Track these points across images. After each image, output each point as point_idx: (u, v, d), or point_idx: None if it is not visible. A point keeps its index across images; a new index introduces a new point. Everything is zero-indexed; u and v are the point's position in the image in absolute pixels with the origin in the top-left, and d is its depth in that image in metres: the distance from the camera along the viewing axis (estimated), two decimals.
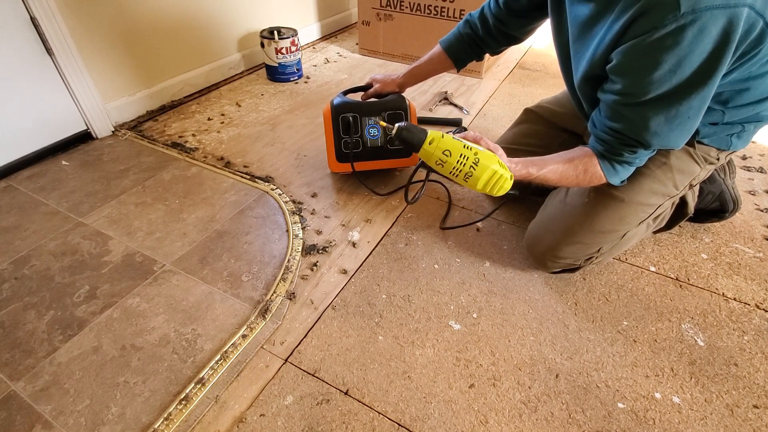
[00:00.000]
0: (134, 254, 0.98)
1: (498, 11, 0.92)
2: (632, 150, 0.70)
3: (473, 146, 0.69)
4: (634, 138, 0.68)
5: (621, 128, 0.68)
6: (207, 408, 0.71)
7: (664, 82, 0.60)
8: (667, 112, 0.63)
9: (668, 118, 0.64)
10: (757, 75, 0.66)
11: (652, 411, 0.72)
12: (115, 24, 1.33)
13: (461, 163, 0.68)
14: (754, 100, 0.71)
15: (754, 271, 0.96)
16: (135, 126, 1.45)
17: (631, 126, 0.67)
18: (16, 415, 0.69)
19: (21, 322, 0.83)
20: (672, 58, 0.57)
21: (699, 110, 0.64)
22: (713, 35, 0.55)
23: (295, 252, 0.99)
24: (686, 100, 0.61)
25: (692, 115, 0.64)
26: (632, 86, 0.63)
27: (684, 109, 0.63)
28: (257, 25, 1.81)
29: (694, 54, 0.56)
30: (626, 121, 0.67)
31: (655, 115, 0.64)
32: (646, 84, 0.61)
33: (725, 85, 0.67)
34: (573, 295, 0.91)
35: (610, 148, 0.72)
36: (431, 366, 0.78)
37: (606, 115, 0.69)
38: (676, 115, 0.63)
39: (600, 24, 0.65)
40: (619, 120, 0.67)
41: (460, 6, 1.72)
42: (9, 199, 1.13)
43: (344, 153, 1.12)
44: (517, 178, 0.75)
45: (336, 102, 1.12)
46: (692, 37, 0.55)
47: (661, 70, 0.59)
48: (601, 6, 0.64)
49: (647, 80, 0.60)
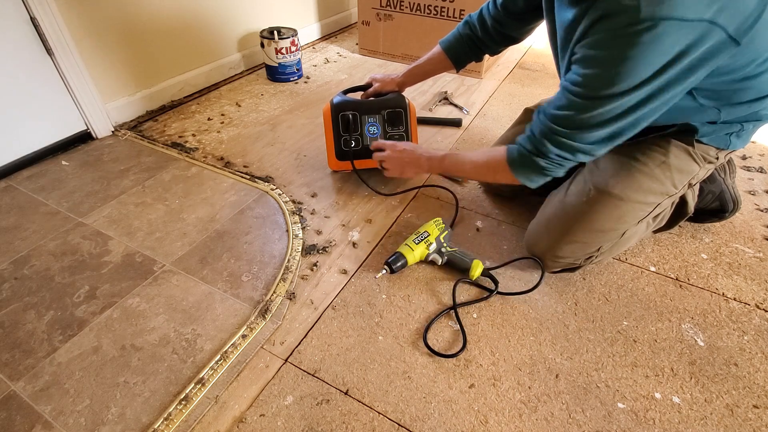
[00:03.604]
0: (134, 254, 0.98)
1: (496, 12, 0.93)
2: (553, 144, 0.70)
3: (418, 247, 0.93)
4: (568, 127, 0.68)
5: (563, 116, 0.68)
6: (207, 408, 0.71)
7: (617, 82, 0.60)
8: (609, 109, 0.63)
9: (609, 117, 0.64)
10: (753, 75, 0.66)
11: (652, 411, 0.72)
12: (116, 24, 1.33)
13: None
14: (751, 98, 0.71)
15: (754, 271, 0.96)
16: (135, 126, 1.45)
17: (572, 115, 0.67)
18: (16, 415, 0.70)
19: (21, 322, 0.83)
20: (627, 59, 0.58)
21: (644, 119, 0.65)
22: (668, 46, 0.56)
23: (295, 252, 0.99)
24: (631, 104, 0.62)
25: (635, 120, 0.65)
26: (588, 78, 0.63)
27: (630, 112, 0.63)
28: (257, 25, 1.81)
29: (647, 60, 0.57)
30: (572, 109, 0.66)
31: (598, 110, 0.64)
32: (601, 79, 0.62)
33: (719, 85, 0.67)
34: (573, 295, 0.91)
35: (531, 144, 0.74)
36: (431, 366, 0.78)
37: (555, 103, 0.70)
38: (618, 116, 0.64)
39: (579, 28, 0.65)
40: (565, 108, 0.67)
41: (460, 6, 1.72)
42: (9, 199, 1.13)
43: (344, 151, 1.12)
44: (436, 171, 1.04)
45: (336, 100, 1.12)
46: (648, 42, 0.55)
47: (615, 68, 0.59)
48: (582, 11, 0.64)
49: (602, 75, 0.61)
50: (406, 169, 1.02)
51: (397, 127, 1.13)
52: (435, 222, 0.98)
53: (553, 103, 0.70)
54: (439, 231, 0.96)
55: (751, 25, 0.56)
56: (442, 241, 0.95)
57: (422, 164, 0.99)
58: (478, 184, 1.20)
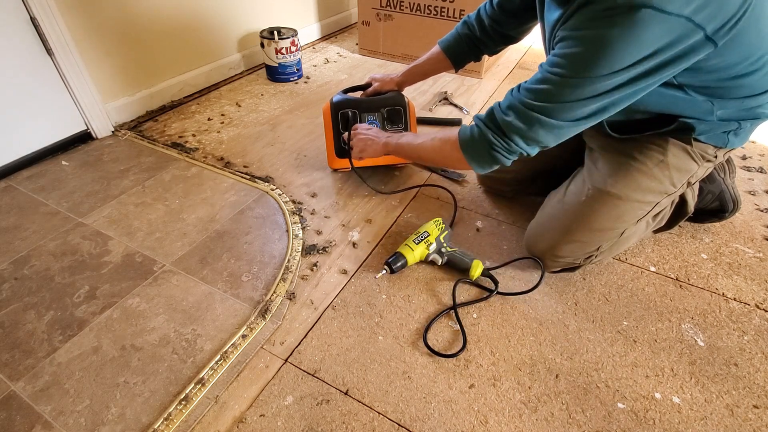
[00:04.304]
0: (134, 254, 0.98)
1: (493, 12, 0.94)
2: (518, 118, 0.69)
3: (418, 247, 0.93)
4: (540, 100, 0.67)
5: (539, 90, 0.67)
6: (207, 408, 0.71)
7: (594, 64, 0.60)
8: (586, 92, 0.63)
9: (583, 101, 0.64)
10: (745, 73, 0.66)
11: (652, 411, 0.72)
12: (116, 24, 1.33)
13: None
14: (745, 95, 0.71)
15: (754, 271, 0.96)
16: (135, 126, 1.45)
17: (548, 90, 0.66)
18: (16, 415, 0.70)
19: (21, 323, 0.83)
20: (603, 44, 0.58)
21: (614, 105, 0.65)
22: (646, 37, 0.56)
23: (295, 252, 0.99)
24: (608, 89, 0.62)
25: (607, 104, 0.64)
26: (567, 58, 0.63)
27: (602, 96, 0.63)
28: (257, 25, 1.81)
29: (624, 46, 0.57)
30: (549, 83, 0.66)
31: (575, 91, 0.64)
32: (578, 60, 0.62)
33: (711, 81, 0.68)
34: (573, 295, 0.91)
35: (489, 116, 0.73)
36: (431, 366, 0.78)
37: (532, 79, 0.69)
38: (593, 100, 0.64)
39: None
40: (542, 81, 0.67)
41: (460, 6, 1.72)
42: (9, 199, 1.13)
43: (343, 149, 1.12)
44: (391, 152, 1.00)
45: (335, 99, 1.13)
46: (626, 26, 0.56)
47: (593, 50, 0.59)
48: (567, 10, 0.64)
49: (580, 56, 0.61)
50: (366, 148, 1.03)
51: (396, 125, 1.13)
52: (435, 222, 0.98)
53: (531, 79, 0.70)
54: (439, 231, 0.96)
55: (732, 26, 0.57)
56: (442, 241, 0.95)
57: (379, 145, 1.01)
58: (477, 184, 1.20)
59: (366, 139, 1.03)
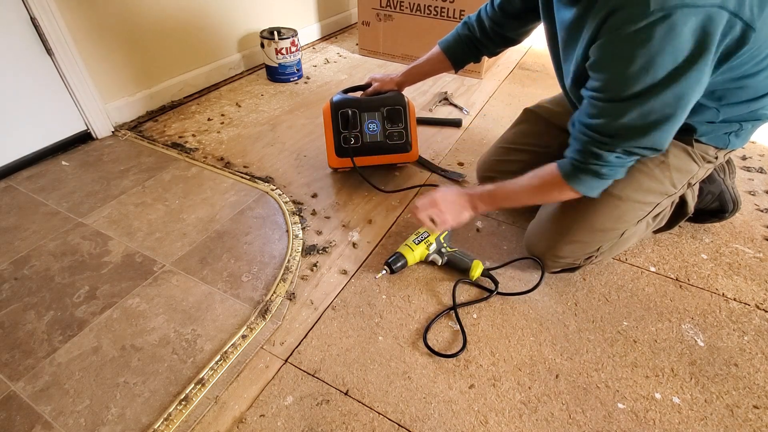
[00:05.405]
0: (134, 254, 0.98)
1: (493, 14, 0.94)
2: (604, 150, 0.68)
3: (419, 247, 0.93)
4: (608, 134, 0.67)
5: (597, 125, 0.67)
6: (207, 408, 0.71)
7: (639, 80, 0.60)
8: (641, 109, 0.63)
9: (643, 114, 0.63)
10: (751, 73, 0.66)
11: (652, 411, 0.72)
12: (116, 24, 1.33)
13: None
14: (749, 98, 0.71)
15: (754, 272, 0.96)
16: (135, 126, 1.45)
17: (607, 122, 0.66)
18: (16, 415, 0.69)
19: (21, 323, 0.83)
20: (644, 55, 0.57)
21: (678, 110, 0.63)
22: (685, 35, 0.55)
23: (295, 252, 0.99)
24: (661, 98, 0.61)
25: (670, 114, 0.63)
26: (608, 82, 0.63)
27: (658, 107, 0.62)
28: (257, 25, 1.81)
29: (666, 52, 0.56)
30: (603, 116, 0.66)
31: (631, 112, 0.63)
32: (621, 80, 0.61)
33: (718, 84, 0.67)
34: (573, 296, 0.91)
35: (582, 156, 0.71)
36: (431, 366, 0.78)
37: (585, 112, 0.69)
38: (651, 112, 0.63)
39: (584, 27, 0.65)
40: (596, 116, 0.67)
41: (460, 6, 1.72)
42: (9, 200, 1.13)
43: (343, 148, 1.12)
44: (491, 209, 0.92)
45: (335, 99, 1.13)
46: (662, 34, 0.55)
47: (634, 67, 0.59)
48: (583, 9, 0.64)
49: (622, 76, 0.61)
50: (461, 215, 0.88)
51: (396, 125, 1.13)
52: None
53: (583, 111, 0.69)
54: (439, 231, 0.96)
55: (761, 7, 0.55)
56: (442, 241, 0.95)
57: (475, 204, 0.87)
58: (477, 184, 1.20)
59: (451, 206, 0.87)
